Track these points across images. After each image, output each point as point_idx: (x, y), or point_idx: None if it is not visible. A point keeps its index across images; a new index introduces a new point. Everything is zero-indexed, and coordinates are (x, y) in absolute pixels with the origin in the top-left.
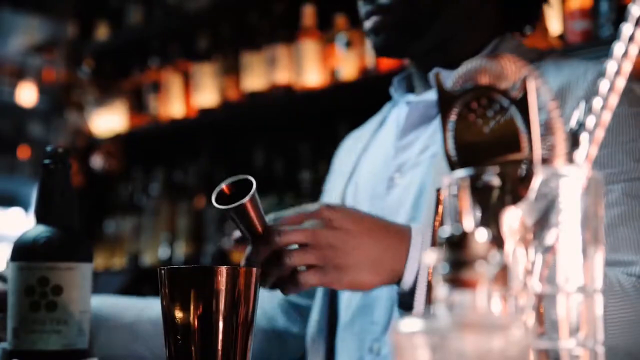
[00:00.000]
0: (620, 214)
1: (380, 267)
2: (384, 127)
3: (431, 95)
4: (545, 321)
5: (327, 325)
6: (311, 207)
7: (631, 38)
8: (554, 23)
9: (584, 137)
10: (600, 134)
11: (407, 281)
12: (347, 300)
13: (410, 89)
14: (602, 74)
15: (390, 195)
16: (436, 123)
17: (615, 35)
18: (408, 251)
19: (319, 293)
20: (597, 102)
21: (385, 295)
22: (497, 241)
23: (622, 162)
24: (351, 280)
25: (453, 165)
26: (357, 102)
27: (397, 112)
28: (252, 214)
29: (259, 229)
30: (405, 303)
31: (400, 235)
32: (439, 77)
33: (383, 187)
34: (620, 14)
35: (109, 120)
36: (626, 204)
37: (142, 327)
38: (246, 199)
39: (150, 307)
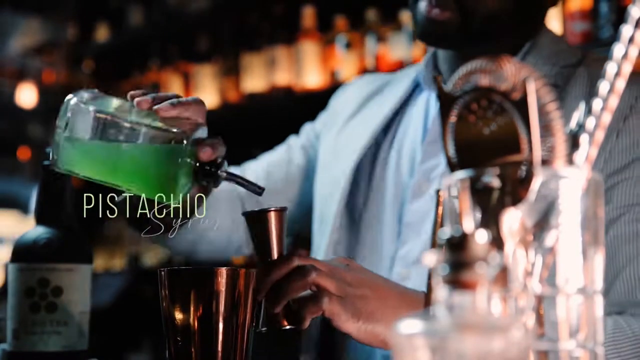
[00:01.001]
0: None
1: (400, 309)
2: (409, 112)
3: None
4: (545, 322)
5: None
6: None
7: (631, 40)
8: (554, 24)
9: (583, 138)
10: (600, 135)
11: None
12: None
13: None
14: (602, 76)
15: (415, 204)
16: None
17: (615, 37)
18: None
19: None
20: (597, 104)
21: None
22: (497, 242)
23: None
24: (360, 328)
25: (453, 167)
26: None
27: (424, 100)
28: (274, 229)
29: (274, 251)
30: None
31: (411, 302)
32: (439, 79)
33: (409, 193)
34: (620, 15)
35: None
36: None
37: None
38: (272, 209)
39: None
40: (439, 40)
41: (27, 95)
